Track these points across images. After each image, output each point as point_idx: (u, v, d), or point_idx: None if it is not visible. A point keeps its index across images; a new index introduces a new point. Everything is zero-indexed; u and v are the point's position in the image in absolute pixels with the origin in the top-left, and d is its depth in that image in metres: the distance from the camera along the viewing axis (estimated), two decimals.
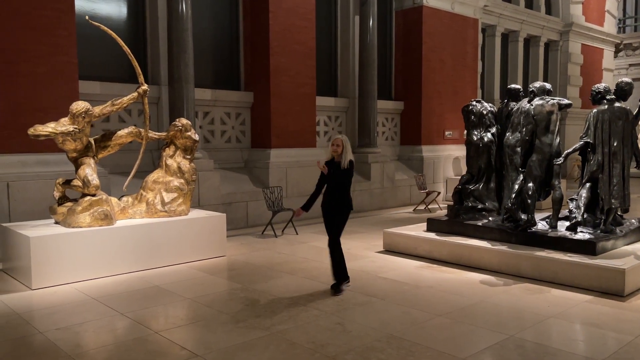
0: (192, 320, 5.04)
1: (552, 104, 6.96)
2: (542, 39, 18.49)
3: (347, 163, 5.70)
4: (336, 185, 5.82)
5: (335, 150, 5.79)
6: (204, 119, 10.42)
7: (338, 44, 12.99)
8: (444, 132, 14.55)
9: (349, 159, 5.73)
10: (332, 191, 5.84)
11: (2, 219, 7.19)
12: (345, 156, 5.72)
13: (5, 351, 4.30)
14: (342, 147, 5.74)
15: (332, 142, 5.81)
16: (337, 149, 5.76)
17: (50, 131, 6.31)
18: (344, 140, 5.79)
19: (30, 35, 7.48)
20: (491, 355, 4.21)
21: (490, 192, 7.94)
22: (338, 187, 5.82)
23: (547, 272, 6.22)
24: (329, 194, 5.86)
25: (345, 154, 5.73)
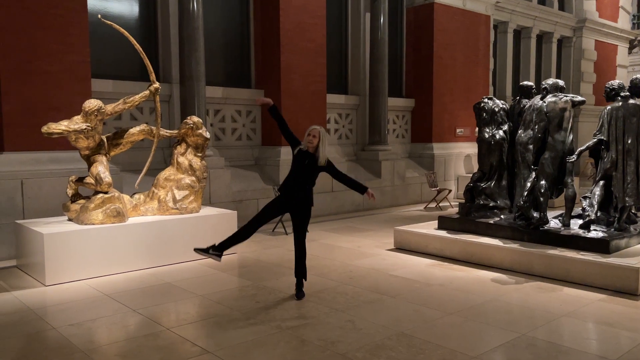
0: (203, 317, 5.07)
1: (565, 101, 6.90)
2: (555, 35, 18.30)
3: (325, 161, 5.36)
4: (307, 178, 5.43)
5: (310, 142, 5.34)
6: (215, 117, 10.46)
7: (348, 41, 12.96)
8: (455, 129, 14.47)
9: (327, 158, 5.38)
10: (300, 183, 5.41)
11: (16, 216, 7.27)
12: (322, 152, 5.34)
13: (19, 346, 4.36)
14: (319, 140, 5.34)
15: (309, 132, 5.37)
16: (313, 140, 5.33)
17: (64, 129, 6.37)
18: (321, 132, 5.36)
19: (43, 34, 7.56)
20: (502, 353, 4.18)
21: (502, 190, 7.89)
22: (308, 182, 5.45)
23: (560, 270, 6.16)
24: (296, 185, 5.42)
25: (322, 147, 5.34)
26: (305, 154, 5.40)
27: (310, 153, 5.38)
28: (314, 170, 5.43)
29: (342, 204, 11.56)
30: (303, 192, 5.44)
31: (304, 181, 5.43)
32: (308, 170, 5.41)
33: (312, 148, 5.37)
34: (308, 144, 5.37)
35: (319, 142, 5.34)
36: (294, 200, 5.44)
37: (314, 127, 5.40)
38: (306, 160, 5.37)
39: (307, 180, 5.44)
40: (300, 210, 5.48)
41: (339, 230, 9.54)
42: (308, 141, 5.36)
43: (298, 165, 5.43)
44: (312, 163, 5.38)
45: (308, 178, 5.45)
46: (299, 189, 5.43)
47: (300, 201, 5.45)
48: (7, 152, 7.37)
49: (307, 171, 5.41)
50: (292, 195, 5.45)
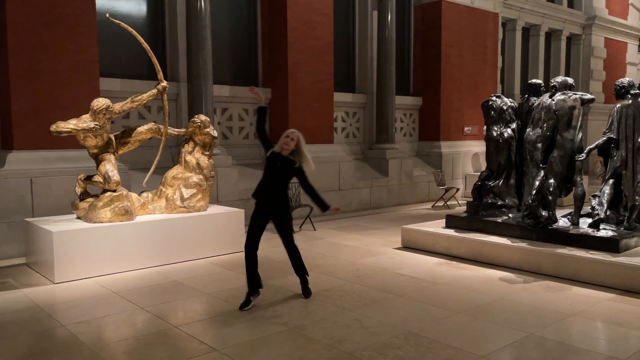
0: (211, 315, 5.09)
1: (574, 99, 6.84)
2: (564, 32, 18.16)
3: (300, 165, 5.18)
4: (280, 182, 5.23)
5: (287, 144, 5.12)
6: (222, 116, 10.48)
7: (356, 39, 12.93)
8: (463, 127, 14.42)
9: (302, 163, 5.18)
10: (273, 186, 5.23)
11: (25, 214, 7.33)
12: (305, 155, 5.16)
13: (28, 344, 4.39)
14: (296, 143, 5.13)
15: (287, 134, 5.14)
16: (290, 143, 5.11)
17: (72, 128, 6.41)
18: (300, 137, 5.17)
19: (52, 33, 7.60)
20: (511, 353, 4.16)
21: (510, 189, 7.85)
22: (282, 184, 5.26)
23: (569, 269, 6.12)
24: (269, 188, 5.23)
25: (304, 150, 5.15)
26: (278, 157, 5.19)
27: (282, 156, 5.18)
28: (287, 173, 5.23)
29: (350, 202, 11.55)
30: (277, 196, 5.24)
31: (277, 185, 5.23)
32: (280, 173, 5.21)
33: (287, 151, 5.16)
34: (284, 145, 5.14)
35: (298, 146, 5.14)
36: (270, 205, 5.25)
37: (293, 131, 5.19)
38: (278, 163, 5.17)
39: (279, 184, 5.24)
40: (278, 215, 5.29)
41: (346, 228, 9.53)
42: (284, 143, 5.13)
43: (270, 168, 5.23)
44: (284, 166, 5.18)
45: (280, 181, 5.24)
46: (270, 194, 5.23)
47: (276, 205, 5.26)
48: (17, 151, 7.43)
49: (279, 175, 5.21)
50: (266, 201, 5.25)
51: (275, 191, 5.24)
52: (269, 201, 5.25)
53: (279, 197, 5.27)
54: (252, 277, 5.25)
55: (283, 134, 5.21)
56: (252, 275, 5.25)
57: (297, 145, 5.14)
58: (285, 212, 5.34)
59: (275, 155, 5.21)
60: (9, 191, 7.26)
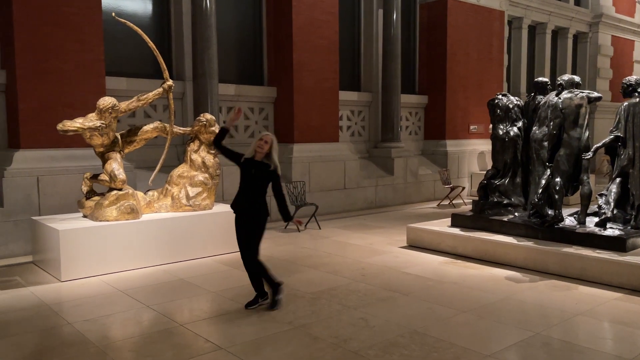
0: (217, 313, 5.10)
1: (581, 97, 6.80)
2: (570, 30, 18.07)
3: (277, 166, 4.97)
4: (257, 189, 4.98)
5: (261, 147, 4.88)
6: (227, 114, 10.49)
7: (361, 37, 12.92)
8: (469, 126, 14.37)
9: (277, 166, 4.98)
10: (250, 194, 4.99)
11: (32, 213, 7.37)
12: (274, 158, 4.94)
13: (35, 341, 4.42)
14: (270, 146, 4.90)
15: (261, 137, 4.89)
16: (264, 146, 4.88)
17: (78, 126, 6.43)
18: (273, 139, 4.96)
19: (58, 33, 7.63)
20: (516, 352, 4.15)
21: (516, 187, 7.82)
22: (259, 191, 4.99)
23: (575, 268, 6.09)
24: (246, 197, 5.00)
25: (274, 154, 4.94)
26: (251, 163, 4.96)
27: (256, 161, 4.94)
28: (264, 179, 4.98)
29: (355, 201, 11.55)
30: (256, 204, 5.00)
31: (255, 192, 4.99)
32: (257, 180, 4.97)
33: (261, 155, 4.92)
34: (257, 149, 4.89)
35: (271, 149, 4.91)
36: (249, 214, 5.02)
37: (267, 133, 4.97)
38: (252, 170, 4.94)
39: (258, 191, 4.99)
40: (255, 223, 5.03)
41: (351, 227, 9.53)
42: (258, 146, 4.88)
43: (246, 176, 5.00)
44: (260, 171, 4.95)
45: (259, 188, 4.99)
46: (247, 201, 5.01)
47: (255, 214, 5.02)
48: (24, 150, 7.47)
49: (256, 181, 4.97)
50: (245, 210, 5.03)
51: (254, 199, 4.99)
52: (248, 210, 5.02)
53: (258, 205, 5.01)
54: (256, 282, 5.17)
55: (257, 136, 5.00)
56: (256, 280, 5.17)
57: (270, 148, 4.92)
58: (263, 222, 5.05)
59: (248, 162, 4.97)
60: (16, 190, 7.30)
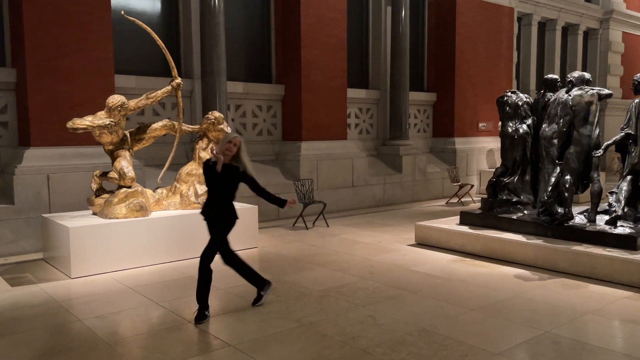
0: (225, 310, 5.11)
1: (591, 94, 6.75)
2: (580, 27, 17.91)
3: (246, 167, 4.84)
4: (227, 192, 4.85)
5: (229, 149, 4.72)
6: (236, 112, 10.51)
7: (369, 35, 12.88)
8: (478, 123, 14.30)
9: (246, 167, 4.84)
10: (218, 197, 4.88)
11: (43, 210, 7.43)
12: (245, 161, 4.82)
13: (46, 337, 4.46)
14: (239, 149, 4.77)
15: (230, 140, 4.72)
16: (233, 149, 4.72)
17: (88, 124, 6.47)
18: (242, 141, 4.83)
19: (68, 31, 7.67)
20: (526, 350, 4.13)
21: (526, 185, 7.77)
22: (230, 194, 4.87)
23: (585, 267, 6.05)
24: (218, 201, 4.88)
25: (244, 157, 4.83)
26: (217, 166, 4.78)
27: (224, 165, 4.77)
28: (234, 181, 4.84)
29: (363, 199, 11.53)
30: (225, 208, 4.88)
31: (224, 196, 4.87)
32: (226, 183, 4.83)
33: (228, 157, 4.76)
34: (225, 151, 4.73)
35: (239, 151, 4.78)
36: (217, 219, 4.91)
37: (235, 135, 4.81)
38: (221, 173, 4.78)
39: (227, 195, 4.87)
40: (219, 226, 4.92)
41: (360, 225, 9.52)
42: (226, 149, 4.72)
43: (213, 181, 4.83)
44: (229, 174, 4.79)
45: (228, 192, 4.87)
46: (217, 205, 4.87)
47: (223, 218, 4.90)
48: (34, 148, 7.53)
49: (225, 185, 4.83)
50: (214, 215, 4.90)
51: (224, 203, 4.87)
52: (217, 215, 4.88)
53: (227, 209, 4.89)
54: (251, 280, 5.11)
55: (223, 139, 4.82)
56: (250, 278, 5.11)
57: (238, 150, 4.77)
58: (227, 225, 4.93)
59: (215, 165, 4.77)
60: (27, 187, 7.37)
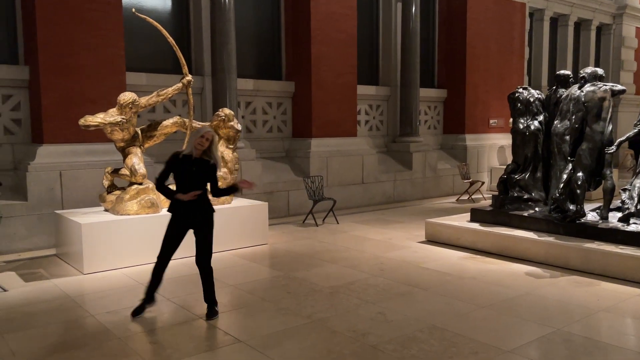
0: (235, 306, 5.14)
1: (604, 90, 6.68)
2: (593, 22, 17.71)
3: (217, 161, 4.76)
4: (201, 186, 4.72)
5: (201, 144, 4.61)
6: (246, 109, 10.53)
7: (380, 31, 12.83)
8: (489, 120, 14.21)
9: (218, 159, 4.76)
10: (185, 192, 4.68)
11: (55, 207, 7.50)
12: (216, 155, 4.73)
13: (59, 332, 4.51)
14: (211, 143, 4.66)
15: (202, 134, 4.62)
16: (205, 143, 4.62)
17: (100, 122, 6.52)
18: (215, 136, 4.73)
19: (80, 29, 7.73)
20: (537, 348, 4.11)
21: (537, 182, 7.71)
22: (203, 188, 4.74)
23: (597, 264, 6.00)
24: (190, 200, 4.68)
25: (215, 151, 4.73)
26: (188, 160, 4.67)
27: (196, 159, 4.66)
28: (206, 174, 4.73)
29: (373, 195, 11.52)
30: (199, 203, 4.73)
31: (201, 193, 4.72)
32: (199, 177, 4.71)
33: (200, 152, 4.65)
34: (197, 145, 4.62)
35: (211, 145, 4.68)
36: (192, 215, 4.75)
37: (208, 130, 4.71)
38: (193, 167, 4.67)
39: (202, 189, 4.73)
40: (201, 224, 4.79)
41: (370, 222, 9.51)
42: (198, 143, 4.61)
43: (184, 174, 4.70)
44: (202, 167, 4.69)
45: (202, 185, 4.74)
46: (198, 204, 4.72)
47: (199, 213, 4.77)
48: (47, 144, 7.60)
49: (197, 179, 4.71)
50: (187, 211, 4.73)
51: (202, 197, 4.74)
52: (190, 211, 4.72)
53: (202, 204, 4.76)
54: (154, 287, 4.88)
55: (196, 133, 4.72)
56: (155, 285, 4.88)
57: (210, 144, 4.68)
58: (210, 221, 4.81)
59: (187, 160, 4.67)
60: (40, 184, 7.44)
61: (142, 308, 4.85)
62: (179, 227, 4.81)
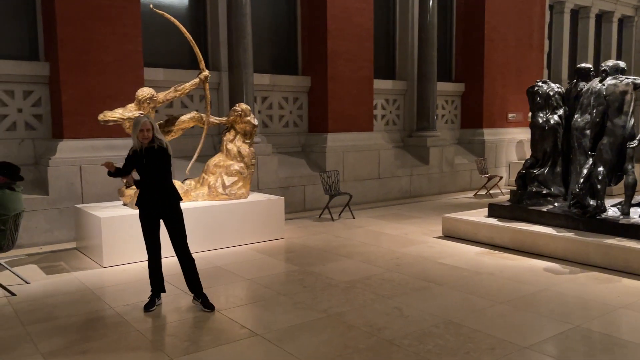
0: (252, 300, 5.17)
1: (626, 84, 6.56)
2: (615, 14, 17.37)
3: (165, 143, 4.72)
4: (160, 173, 4.71)
5: (146, 137, 4.59)
6: (262, 104, 10.56)
7: (396, 25, 12.74)
8: (507, 114, 14.05)
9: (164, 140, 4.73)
10: (155, 183, 4.73)
11: (75, 201, 7.62)
12: (159, 138, 4.69)
13: (79, 324, 4.59)
14: (153, 130, 4.64)
15: (141, 128, 4.57)
16: (148, 135, 4.60)
17: (118, 117, 6.60)
18: (152, 122, 4.70)
19: (99, 25, 7.81)
20: (555, 345, 4.06)
21: (556, 177, 7.61)
22: (163, 176, 4.74)
23: (618, 260, 5.91)
24: (151, 187, 4.73)
25: (158, 135, 4.70)
26: (140, 153, 4.67)
27: (145, 149, 4.65)
28: (161, 159, 4.70)
29: (389, 190, 11.48)
30: (163, 191, 4.76)
31: (160, 178, 4.74)
32: (155, 165, 4.69)
33: (148, 141, 4.63)
34: (143, 140, 4.61)
35: (154, 132, 4.64)
36: (159, 204, 4.76)
37: (145, 120, 4.64)
38: (144, 159, 4.67)
39: (162, 176, 4.74)
40: (169, 213, 4.80)
41: (386, 217, 9.49)
42: (143, 137, 4.60)
43: (142, 167, 4.72)
44: (154, 154, 4.66)
45: (161, 174, 4.74)
46: (156, 191, 4.74)
47: (166, 202, 4.78)
48: (67, 140, 7.71)
49: (155, 167, 4.69)
50: (154, 202, 4.75)
51: (162, 186, 4.76)
52: (157, 201, 4.75)
53: (166, 192, 4.77)
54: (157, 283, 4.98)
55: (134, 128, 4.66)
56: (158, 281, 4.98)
57: (153, 131, 4.66)
58: (177, 208, 4.82)
59: (137, 154, 4.69)
60: (60, 178, 7.56)
61: (152, 303, 4.91)
62: (150, 219, 4.81)
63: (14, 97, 7.86)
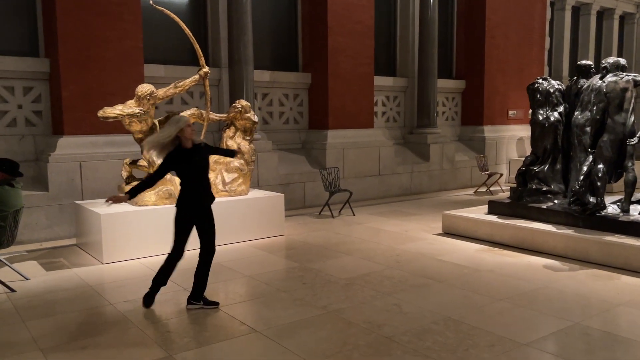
0: (252, 296, 5.18)
1: (626, 81, 6.54)
2: (616, 11, 17.33)
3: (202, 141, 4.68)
4: (206, 174, 4.68)
5: (191, 134, 4.52)
6: (262, 101, 10.55)
7: (397, 21, 12.72)
8: (508, 111, 14.03)
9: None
10: (205, 184, 4.67)
11: (75, 197, 7.62)
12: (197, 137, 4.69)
13: (79, 320, 4.59)
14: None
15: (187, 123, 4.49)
16: (194, 133, 4.58)
17: (118, 113, 6.59)
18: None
19: (100, 21, 7.80)
20: (554, 342, 4.07)
21: (556, 174, 7.61)
22: (207, 175, 4.70)
23: (618, 258, 5.91)
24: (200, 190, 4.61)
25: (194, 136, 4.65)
26: (187, 153, 4.54)
27: (190, 149, 4.55)
28: (208, 160, 4.70)
29: (389, 187, 11.48)
30: (209, 193, 4.71)
31: (206, 180, 4.72)
32: (203, 165, 4.66)
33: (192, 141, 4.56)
34: (190, 137, 4.52)
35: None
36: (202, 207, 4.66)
37: (185, 119, 4.51)
38: (196, 157, 4.57)
39: (207, 177, 4.75)
40: (205, 215, 4.69)
41: (386, 214, 9.49)
42: (189, 134, 4.49)
43: (190, 168, 4.56)
44: (202, 155, 4.64)
45: (207, 175, 4.74)
46: (208, 194, 4.68)
47: (207, 205, 4.70)
48: (67, 136, 7.71)
49: (203, 168, 4.65)
50: (197, 206, 4.63)
51: (208, 189, 4.72)
52: (199, 203, 4.63)
53: (207, 193, 4.70)
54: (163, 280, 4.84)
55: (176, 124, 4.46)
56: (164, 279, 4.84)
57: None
58: (211, 211, 4.74)
59: (182, 153, 4.52)
60: (60, 174, 7.56)
61: (152, 299, 4.85)
62: (186, 221, 4.65)
63: (14, 93, 7.86)
